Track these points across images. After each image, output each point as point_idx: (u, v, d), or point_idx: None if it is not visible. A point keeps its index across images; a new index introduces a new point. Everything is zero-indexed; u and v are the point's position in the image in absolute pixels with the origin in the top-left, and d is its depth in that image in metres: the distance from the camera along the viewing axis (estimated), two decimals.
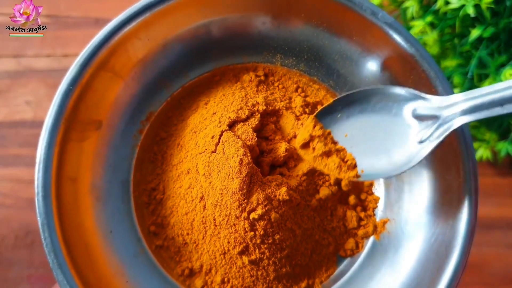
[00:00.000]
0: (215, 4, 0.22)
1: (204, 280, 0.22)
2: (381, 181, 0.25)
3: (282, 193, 0.22)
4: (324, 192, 0.23)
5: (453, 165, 0.24)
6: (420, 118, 0.26)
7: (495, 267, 0.43)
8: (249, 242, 0.21)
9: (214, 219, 0.21)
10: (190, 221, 0.22)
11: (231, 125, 0.22)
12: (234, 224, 0.21)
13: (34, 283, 0.44)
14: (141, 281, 0.21)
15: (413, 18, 0.43)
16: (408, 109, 0.27)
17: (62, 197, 0.20)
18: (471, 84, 0.41)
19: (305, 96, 0.27)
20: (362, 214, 0.24)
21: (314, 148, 0.27)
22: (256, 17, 0.23)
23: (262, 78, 0.24)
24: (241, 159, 0.21)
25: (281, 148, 0.23)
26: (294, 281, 0.21)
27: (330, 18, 0.25)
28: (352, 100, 0.27)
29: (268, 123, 0.23)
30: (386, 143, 0.27)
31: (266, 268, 0.21)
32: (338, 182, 0.24)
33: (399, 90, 0.27)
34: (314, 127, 0.27)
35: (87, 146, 0.21)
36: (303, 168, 0.23)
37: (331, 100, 0.28)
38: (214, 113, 0.21)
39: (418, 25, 0.41)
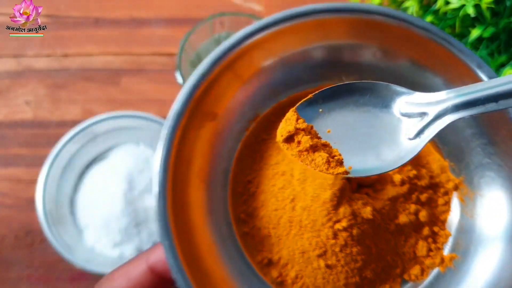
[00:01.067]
0: (334, 30, 0.26)
1: (279, 272, 0.24)
2: (454, 220, 0.26)
3: (367, 212, 0.24)
4: (403, 219, 0.25)
5: None
6: (407, 114, 0.25)
7: None
8: (329, 248, 0.23)
9: (301, 221, 0.24)
10: (278, 217, 0.24)
11: None
12: (319, 230, 0.23)
13: (34, 283, 0.44)
14: (227, 261, 0.24)
15: None
16: (394, 105, 0.26)
17: (177, 175, 0.22)
18: None
19: None
20: (432, 246, 0.25)
21: (299, 142, 0.25)
22: (367, 48, 0.27)
23: None
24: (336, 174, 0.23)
25: None
26: None
27: (436, 61, 0.27)
28: (334, 94, 0.25)
29: None
30: (372, 139, 0.26)
31: (338, 274, 0.23)
32: (416, 212, 0.25)
33: (384, 86, 0.26)
34: (297, 120, 0.25)
35: (203, 134, 0.24)
36: (388, 193, 0.25)
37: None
38: None
39: None
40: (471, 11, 0.37)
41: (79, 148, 0.45)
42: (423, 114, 0.25)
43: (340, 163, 0.25)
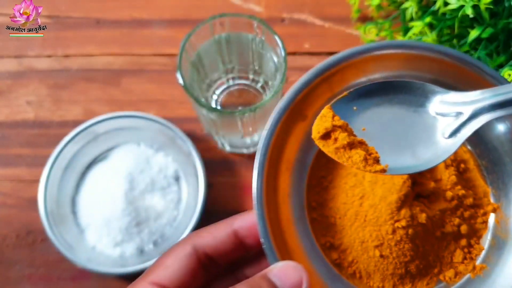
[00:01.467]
0: (388, 64, 0.30)
1: (339, 255, 0.28)
2: (489, 237, 0.29)
3: (422, 217, 0.27)
4: (448, 228, 0.28)
5: None
6: (442, 113, 0.26)
7: None
8: (386, 242, 0.27)
9: (366, 216, 0.28)
10: (345, 210, 0.28)
11: None
12: (380, 225, 0.27)
13: (35, 282, 0.44)
14: (299, 237, 0.28)
15: (412, 19, 0.43)
16: (429, 104, 0.26)
17: (272, 160, 0.27)
18: None
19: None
20: (467, 255, 0.29)
21: (336, 139, 0.26)
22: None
23: None
24: (404, 181, 0.28)
25: (431, 184, 0.29)
26: (401, 281, 0.28)
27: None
28: (369, 92, 0.27)
29: None
30: (408, 138, 0.26)
31: (388, 264, 0.27)
32: (459, 224, 0.29)
33: (419, 85, 0.26)
34: (333, 117, 0.26)
35: (294, 131, 0.29)
36: (440, 206, 0.29)
37: None
38: None
39: (417, 26, 0.41)
40: (470, 11, 0.37)
41: (80, 148, 0.45)
42: (458, 114, 0.26)
43: (377, 161, 0.26)
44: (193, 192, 0.44)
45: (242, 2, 0.53)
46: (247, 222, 0.26)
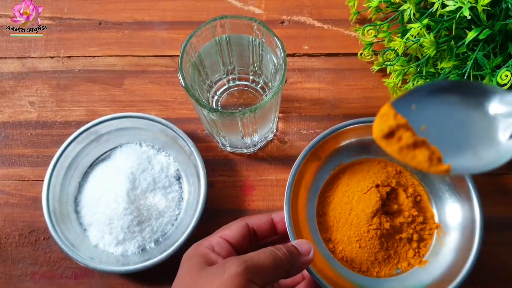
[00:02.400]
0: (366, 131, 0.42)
1: (333, 245, 0.41)
2: (433, 243, 0.42)
3: (387, 225, 0.40)
4: (404, 235, 0.41)
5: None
6: (502, 113, 0.26)
7: (491, 266, 0.44)
8: (363, 238, 0.40)
9: (352, 221, 0.40)
10: (340, 217, 0.41)
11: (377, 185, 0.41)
12: (360, 227, 0.40)
13: (38, 280, 0.44)
14: (310, 232, 0.41)
15: (410, 21, 0.43)
16: (488, 103, 0.26)
17: (296, 184, 0.41)
18: None
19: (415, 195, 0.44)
20: (417, 254, 0.41)
21: (400, 138, 0.26)
22: None
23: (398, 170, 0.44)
24: (377, 201, 0.40)
25: (395, 206, 0.42)
26: (373, 265, 0.40)
27: None
28: (428, 92, 0.26)
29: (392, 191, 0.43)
30: (468, 137, 0.26)
31: (364, 253, 0.40)
32: (412, 234, 0.41)
33: (477, 85, 0.26)
34: (395, 116, 0.26)
35: (311, 167, 0.43)
36: (400, 220, 0.41)
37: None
38: (368, 172, 0.43)
39: (415, 28, 0.42)
40: (467, 13, 0.37)
41: (83, 148, 0.45)
42: None
43: (440, 161, 0.26)
44: (194, 191, 0.44)
45: (242, 4, 0.53)
46: (280, 215, 0.39)
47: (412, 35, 0.42)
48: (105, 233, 0.43)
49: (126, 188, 0.43)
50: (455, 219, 0.41)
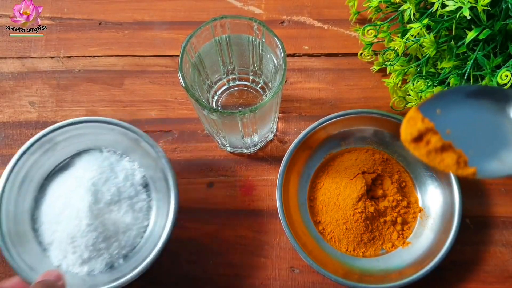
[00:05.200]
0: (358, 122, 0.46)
1: (323, 227, 0.44)
2: (415, 226, 0.45)
3: (371, 209, 0.43)
4: (388, 218, 0.44)
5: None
6: None
7: (491, 265, 0.44)
8: (349, 220, 0.43)
9: (339, 205, 0.43)
10: (329, 202, 0.44)
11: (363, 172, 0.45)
12: (347, 211, 0.43)
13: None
14: (301, 215, 0.45)
15: (410, 21, 0.43)
16: (510, 109, 0.26)
17: (289, 170, 0.45)
18: None
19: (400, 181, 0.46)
20: (400, 236, 0.44)
21: (428, 142, 0.26)
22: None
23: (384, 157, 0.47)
24: (362, 187, 0.43)
25: (380, 191, 0.45)
26: (359, 246, 0.43)
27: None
28: (452, 97, 0.27)
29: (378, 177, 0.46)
30: (492, 141, 0.27)
31: (350, 234, 0.43)
32: (396, 217, 0.44)
33: (500, 90, 0.26)
34: (422, 119, 0.26)
35: (303, 155, 0.46)
36: (385, 204, 0.44)
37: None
38: (356, 160, 0.46)
39: (415, 28, 0.42)
40: (467, 13, 0.37)
41: (37, 159, 0.42)
42: None
43: (467, 164, 0.27)
44: (164, 198, 0.41)
45: (242, 4, 0.53)
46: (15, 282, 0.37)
47: (412, 35, 0.42)
48: (68, 252, 0.40)
49: (88, 202, 0.39)
50: (437, 203, 0.43)
